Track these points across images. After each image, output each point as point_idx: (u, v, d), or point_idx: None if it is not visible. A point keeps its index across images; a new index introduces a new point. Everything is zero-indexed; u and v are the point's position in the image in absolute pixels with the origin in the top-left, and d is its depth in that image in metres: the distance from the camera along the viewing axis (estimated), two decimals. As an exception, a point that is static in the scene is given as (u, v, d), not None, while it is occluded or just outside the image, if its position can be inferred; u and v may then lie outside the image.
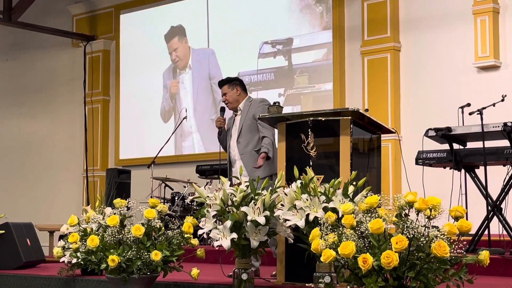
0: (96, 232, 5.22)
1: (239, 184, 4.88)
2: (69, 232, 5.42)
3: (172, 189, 10.49)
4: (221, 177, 5.05)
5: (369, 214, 3.96)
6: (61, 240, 5.58)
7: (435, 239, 3.72)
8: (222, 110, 6.61)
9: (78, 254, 5.23)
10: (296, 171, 4.78)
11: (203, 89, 11.59)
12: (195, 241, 5.28)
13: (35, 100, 14.16)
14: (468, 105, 7.53)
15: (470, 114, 6.95)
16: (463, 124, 7.41)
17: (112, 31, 13.14)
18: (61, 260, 5.47)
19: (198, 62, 11.68)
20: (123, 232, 5.09)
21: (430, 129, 6.88)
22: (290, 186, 4.67)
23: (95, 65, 13.19)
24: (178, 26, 12.10)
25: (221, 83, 6.61)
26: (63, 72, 13.81)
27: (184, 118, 10.19)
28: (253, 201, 4.77)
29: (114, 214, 5.17)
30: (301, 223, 4.47)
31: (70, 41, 13.62)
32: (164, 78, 12.24)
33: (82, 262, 5.25)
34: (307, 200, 4.48)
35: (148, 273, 5.05)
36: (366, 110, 5.46)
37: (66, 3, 13.65)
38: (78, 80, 13.32)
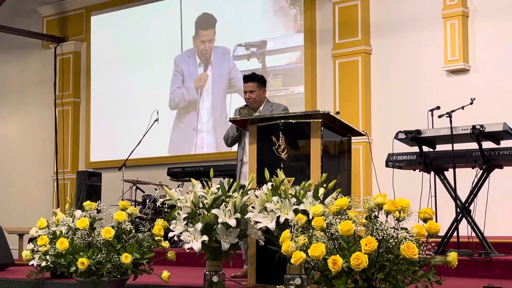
0: (66, 235, 5.18)
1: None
2: (38, 235, 5.37)
3: (144, 192, 10.44)
4: (192, 179, 5.04)
5: (339, 216, 3.98)
6: (30, 243, 5.53)
7: (404, 240, 3.75)
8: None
9: (47, 257, 5.19)
10: (267, 174, 4.79)
11: (222, 89, 11.34)
12: (165, 244, 5.27)
13: (5, 102, 14.03)
14: (438, 108, 7.61)
15: (440, 117, 7.02)
16: (432, 127, 7.47)
17: (83, 32, 13.07)
18: (30, 263, 5.42)
19: (218, 59, 11.45)
20: (93, 234, 5.06)
21: (400, 131, 6.94)
22: (261, 188, 4.68)
23: (65, 67, 13.09)
24: (211, 15, 11.56)
25: (250, 79, 6.29)
26: (33, 74, 13.70)
27: (156, 120, 10.12)
28: (224, 203, 4.77)
29: (84, 216, 5.13)
30: (271, 225, 4.48)
31: (41, 43, 13.50)
32: (180, 63, 11.78)
33: (51, 265, 5.20)
34: (277, 202, 4.50)
35: (118, 276, 5.02)
36: (337, 113, 5.49)
37: (36, 4, 13.54)
38: (49, 82, 13.21)
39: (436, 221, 3.95)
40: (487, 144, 6.58)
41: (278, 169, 4.90)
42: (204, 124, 11.44)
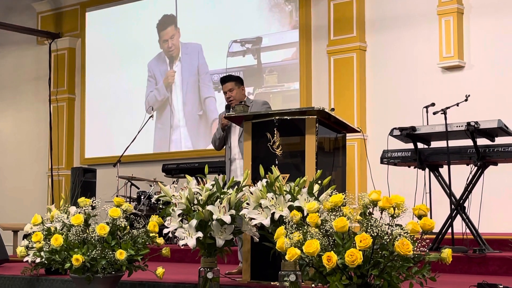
0: (60, 231, 5.17)
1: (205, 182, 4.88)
2: (33, 231, 5.36)
3: (138, 188, 10.43)
4: (186, 176, 5.03)
5: (333, 213, 3.98)
6: (25, 239, 5.52)
7: (398, 237, 3.75)
8: (228, 108, 6.33)
9: (42, 253, 5.18)
10: (261, 170, 4.79)
11: (192, 84, 11.45)
12: (160, 240, 5.26)
13: (0, 98, 13.99)
14: (433, 104, 7.62)
15: (434, 113, 7.03)
16: (427, 124, 7.48)
17: (77, 28, 13.05)
18: (25, 259, 5.41)
19: (187, 55, 11.56)
20: (87, 231, 5.05)
21: (395, 128, 6.94)
22: (255, 184, 4.68)
23: (60, 63, 13.07)
24: (170, 15, 11.83)
25: (227, 79, 6.42)
26: (28, 70, 13.67)
27: (151, 117, 10.12)
28: (218, 200, 4.76)
29: (79, 213, 5.12)
30: (266, 222, 4.48)
31: (35, 39, 13.48)
32: (152, 67, 11.97)
33: (46, 262, 5.19)
34: (272, 199, 4.49)
35: (113, 273, 5.02)
36: (332, 109, 5.49)
37: (31, 0, 13.51)
38: (43, 78, 13.19)
39: (431, 218, 3.95)
40: (481, 141, 6.59)
41: (273, 165, 4.89)
42: (180, 120, 11.49)
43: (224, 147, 6.45)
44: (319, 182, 4.57)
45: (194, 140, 11.32)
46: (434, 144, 7.01)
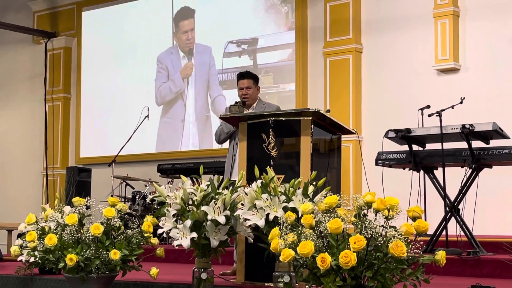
0: (54, 231, 5.17)
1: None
2: (27, 231, 5.35)
3: (133, 188, 10.43)
4: (181, 176, 5.03)
5: (328, 214, 3.98)
6: (19, 238, 5.51)
7: (392, 239, 3.75)
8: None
9: (36, 252, 5.17)
10: (256, 171, 4.78)
11: (203, 83, 11.42)
12: (155, 240, 5.26)
13: (-5, 97, 13.99)
14: (428, 107, 7.63)
15: (430, 116, 7.04)
16: (422, 126, 7.49)
17: (73, 28, 13.04)
18: (19, 259, 5.40)
19: (200, 54, 11.54)
20: (81, 231, 5.05)
21: (390, 130, 6.95)
22: (250, 185, 4.68)
23: (56, 62, 13.06)
24: (188, 7, 11.73)
25: (246, 76, 6.32)
26: (24, 69, 13.65)
27: (146, 116, 10.12)
28: (213, 200, 4.76)
29: (73, 212, 5.12)
30: (261, 223, 4.48)
31: (31, 38, 13.46)
32: (163, 60, 11.87)
33: (39, 261, 5.19)
34: (267, 199, 4.49)
35: (107, 272, 5.01)
36: (328, 110, 5.49)
37: (27, -1, 13.52)
38: (39, 77, 13.17)
39: (425, 220, 3.96)
40: (476, 143, 6.60)
41: (268, 166, 4.90)
42: (190, 115, 11.47)
43: (228, 142, 6.38)
44: (314, 183, 4.58)
45: (201, 138, 11.29)
46: (429, 146, 7.02)
